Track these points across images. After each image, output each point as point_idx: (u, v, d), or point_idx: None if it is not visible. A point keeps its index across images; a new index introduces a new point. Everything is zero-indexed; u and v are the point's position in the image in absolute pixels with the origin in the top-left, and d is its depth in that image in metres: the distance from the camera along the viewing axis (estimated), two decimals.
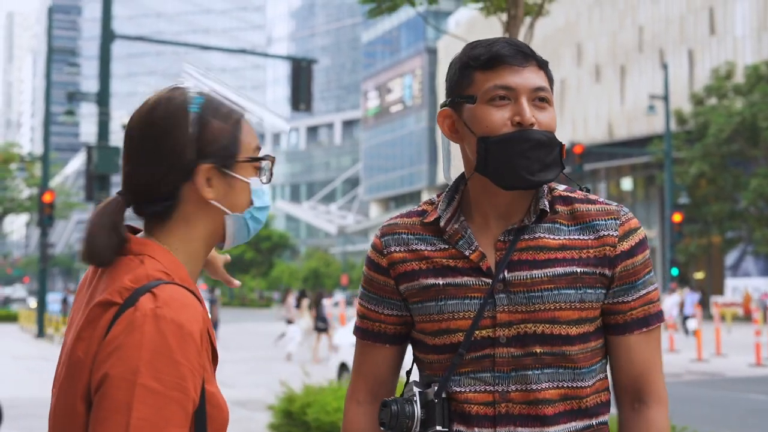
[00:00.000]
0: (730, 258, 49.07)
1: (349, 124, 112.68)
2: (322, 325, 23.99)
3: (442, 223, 2.09)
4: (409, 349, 2.23)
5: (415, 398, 2.05)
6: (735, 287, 45.60)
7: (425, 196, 79.79)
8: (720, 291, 47.30)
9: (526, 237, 2.04)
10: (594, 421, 2.05)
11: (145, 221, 1.82)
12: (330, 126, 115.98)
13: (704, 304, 42.02)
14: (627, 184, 57.55)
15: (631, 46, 54.78)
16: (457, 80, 2.07)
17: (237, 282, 2.22)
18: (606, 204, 2.10)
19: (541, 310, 1.99)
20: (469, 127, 2.04)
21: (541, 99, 2.02)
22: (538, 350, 1.99)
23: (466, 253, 2.06)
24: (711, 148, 41.20)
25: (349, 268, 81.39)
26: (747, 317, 36.81)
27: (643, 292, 2.07)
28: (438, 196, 2.17)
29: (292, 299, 28.23)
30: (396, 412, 2.03)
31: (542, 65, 2.06)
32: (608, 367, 2.14)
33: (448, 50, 72.95)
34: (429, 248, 2.10)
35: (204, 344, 1.66)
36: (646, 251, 2.09)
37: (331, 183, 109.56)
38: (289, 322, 26.15)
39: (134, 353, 1.58)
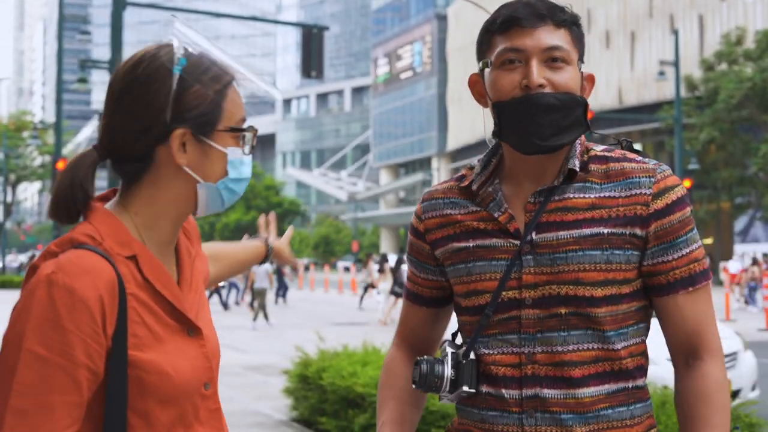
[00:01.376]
0: (739, 224, 49.10)
1: (358, 91, 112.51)
2: (398, 290, 24.14)
3: (474, 187, 2.10)
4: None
5: (447, 358, 2.06)
6: (744, 253, 45.69)
7: (435, 163, 79.86)
8: (729, 256, 47.37)
9: (556, 198, 2.02)
10: (630, 384, 2.02)
11: (120, 180, 1.78)
12: (340, 93, 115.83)
13: (714, 269, 42.18)
14: (637, 149, 57.47)
15: (642, 12, 54.52)
16: (480, 46, 2.08)
17: (296, 261, 2.39)
18: (643, 162, 2.04)
19: (565, 272, 1.97)
20: (487, 92, 2.04)
21: (554, 59, 1.97)
22: (562, 311, 1.97)
23: (495, 215, 2.06)
24: (721, 114, 41.08)
25: (360, 234, 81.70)
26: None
27: (686, 250, 2.01)
28: (478, 161, 2.18)
29: (373, 264, 28.44)
30: (425, 371, 2.05)
31: (562, 23, 2.01)
32: (659, 329, 2.10)
33: (458, 16, 72.69)
34: (460, 212, 2.12)
35: (109, 311, 1.60)
36: (686, 209, 2.03)
37: (341, 150, 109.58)
38: (371, 286, 26.21)
39: (23, 318, 1.57)
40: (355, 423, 7.46)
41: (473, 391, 2.04)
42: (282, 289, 33.44)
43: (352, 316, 26.39)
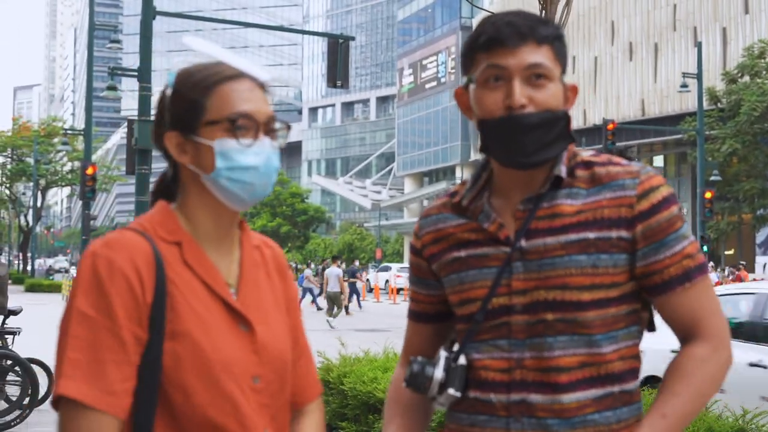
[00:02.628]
0: (761, 235, 48.99)
1: (383, 101, 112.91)
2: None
3: (464, 202, 2.14)
4: None
5: (439, 361, 2.09)
6: (766, 264, 45.66)
7: (458, 172, 79.88)
8: (751, 268, 47.28)
9: (545, 205, 2.04)
10: (617, 388, 2.01)
11: None
12: (365, 102, 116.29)
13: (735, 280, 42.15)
14: (659, 161, 57.47)
15: (665, 24, 54.58)
16: (464, 61, 2.11)
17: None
18: (627, 165, 2.06)
19: (552, 277, 1.99)
20: (473, 107, 2.08)
21: (537, 76, 2.00)
22: (549, 317, 1.99)
23: (485, 225, 2.09)
24: (743, 127, 40.97)
25: (383, 242, 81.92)
26: None
27: (678, 248, 2.01)
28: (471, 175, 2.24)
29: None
30: (416, 371, 2.09)
31: (544, 40, 2.02)
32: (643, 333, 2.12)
33: None
34: (452, 225, 2.16)
35: (147, 281, 1.80)
36: (672, 207, 2.02)
37: (366, 159, 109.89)
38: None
39: (75, 283, 1.80)
40: (375, 428, 7.43)
41: (458, 394, 2.07)
42: (353, 295, 34.29)
43: (374, 322, 26.74)
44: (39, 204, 56.95)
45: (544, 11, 8.58)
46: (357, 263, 38.76)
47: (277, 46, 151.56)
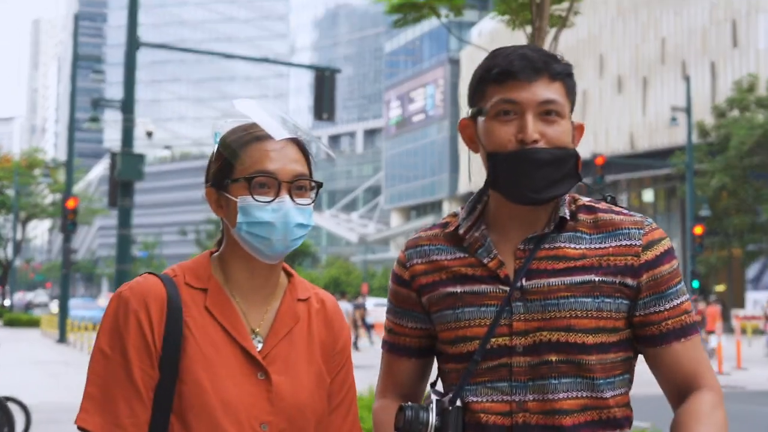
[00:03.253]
0: (752, 271, 48.79)
1: (371, 134, 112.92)
2: None
3: (461, 231, 2.11)
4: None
5: (431, 405, 2.03)
6: (756, 300, 45.34)
7: (446, 206, 79.86)
8: (741, 304, 47.05)
9: (547, 246, 2.04)
10: None
11: None
12: (352, 135, 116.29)
13: (725, 317, 41.82)
14: (648, 195, 57.37)
15: (654, 58, 54.66)
16: (473, 92, 2.10)
17: None
18: (630, 215, 2.08)
19: (556, 318, 1.98)
20: (481, 140, 2.06)
21: (548, 112, 2.00)
22: (553, 358, 1.97)
23: (485, 260, 2.06)
24: (733, 161, 41.00)
25: (370, 276, 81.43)
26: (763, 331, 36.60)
27: (676, 302, 2.04)
28: (463, 208, 2.18)
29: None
30: (410, 417, 2.01)
31: (557, 76, 2.02)
32: (631, 381, 2.12)
33: (471, 61, 72.97)
34: (447, 257, 2.12)
35: (156, 323, 1.97)
36: (674, 261, 2.06)
37: (352, 192, 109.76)
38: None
39: (101, 324, 2.02)
40: None
41: None
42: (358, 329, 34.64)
43: (358, 358, 26.15)
44: (19, 237, 56.25)
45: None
46: (363, 298, 38.78)
47: (263, 78, 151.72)
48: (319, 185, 2.09)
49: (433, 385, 2.17)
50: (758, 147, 40.62)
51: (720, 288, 51.63)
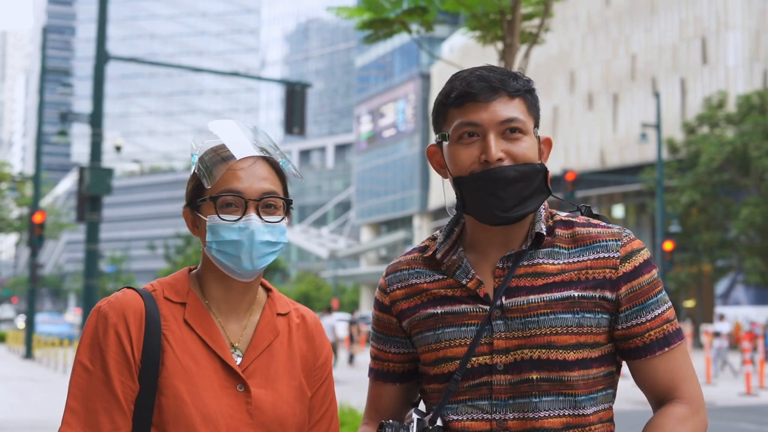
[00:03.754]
0: (721, 286, 49.07)
1: (341, 148, 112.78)
2: None
3: (438, 255, 2.11)
4: None
5: (412, 425, 2.03)
6: (722, 315, 45.56)
7: (416, 221, 79.90)
8: (710, 319, 47.27)
9: (525, 263, 2.03)
10: None
11: None
12: (322, 150, 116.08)
13: (695, 332, 42.01)
14: (619, 211, 57.64)
15: (624, 75, 55.01)
16: (435, 118, 2.10)
17: None
18: (607, 227, 2.07)
19: (537, 335, 1.96)
20: (447, 165, 2.07)
21: (512, 130, 2.00)
22: (534, 376, 1.96)
23: (463, 281, 2.05)
24: (702, 177, 41.30)
25: (340, 292, 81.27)
26: (735, 346, 36.79)
27: (658, 311, 2.03)
28: (440, 231, 2.19)
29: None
30: None
31: (516, 94, 2.02)
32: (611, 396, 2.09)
33: (442, 76, 73.19)
34: (426, 280, 2.12)
35: (135, 337, 2.01)
36: (653, 271, 2.04)
37: (322, 207, 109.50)
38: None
39: (82, 336, 2.04)
40: None
41: None
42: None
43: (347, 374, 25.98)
44: None
45: (503, 61, 8.48)
46: (356, 314, 39.06)
47: (233, 92, 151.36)
48: (289, 202, 2.15)
49: (415, 405, 2.21)
50: (728, 163, 40.96)
51: (690, 303, 51.90)
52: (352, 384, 21.67)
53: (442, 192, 2.11)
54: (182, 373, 2.01)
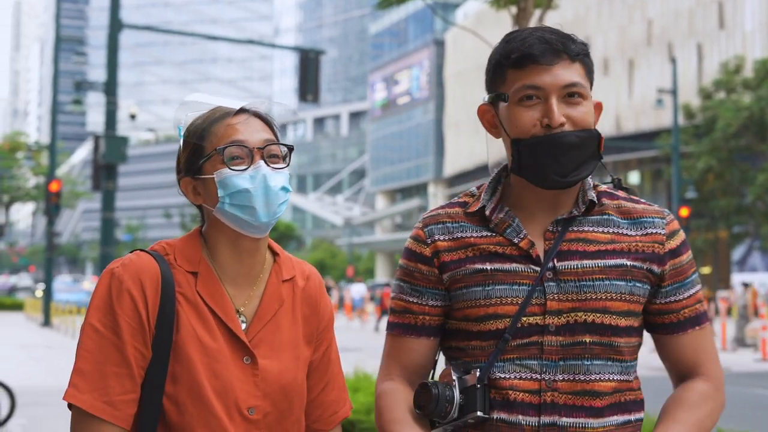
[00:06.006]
0: (737, 253, 48.93)
1: (356, 116, 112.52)
2: None
3: (487, 212, 2.10)
4: None
5: (455, 383, 2.01)
6: (742, 282, 45.47)
7: (431, 189, 79.78)
8: (727, 286, 47.18)
9: (575, 228, 2.05)
10: (632, 417, 2.04)
11: None
12: (337, 117, 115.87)
13: (711, 299, 41.93)
14: (634, 177, 57.42)
15: (640, 40, 54.58)
16: (491, 77, 2.08)
17: None
18: (648, 204, 2.12)
19: (592, 299, 1.99)
20: (504, 126, 2.06)
21: (572, 95, 2.00)
22: (587, 339, 1.99)
23: (515, 240, 2.06)
24: (719, 143, 41.01)
25: (355, 259, 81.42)
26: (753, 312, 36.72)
27: (693, 291, 2.09)
28: (478, 188, 2.18)
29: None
30: (437, 395, 1.99)
31: (576, 57, 2.02)
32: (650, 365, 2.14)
33: (456, 42, 72.80)
34: (474, 235, 2.10)
35: (151, 302, 1.98)
36: (690, 251, 2.10)
37: (337, 174, 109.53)
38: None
39: (92, 298, 2.00)
40: None
41: (486, 416, 2.00)
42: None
43: (344, 341, 26.08)
44: (2, 220, 55.90)
45: (516, 26, 8.44)
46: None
47: (247, 60, 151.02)
48: (290, 149, 2.11)
49: (434, 363, 2.19)
50: (744, 129, 40.64)
51: (706, 270, 51.79)
52: (366, 351, 21.79)
53: (458, 157, 2.11)
54: (196, 343, 2.00)
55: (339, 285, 43.87)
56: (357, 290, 38.44)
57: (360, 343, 25.32)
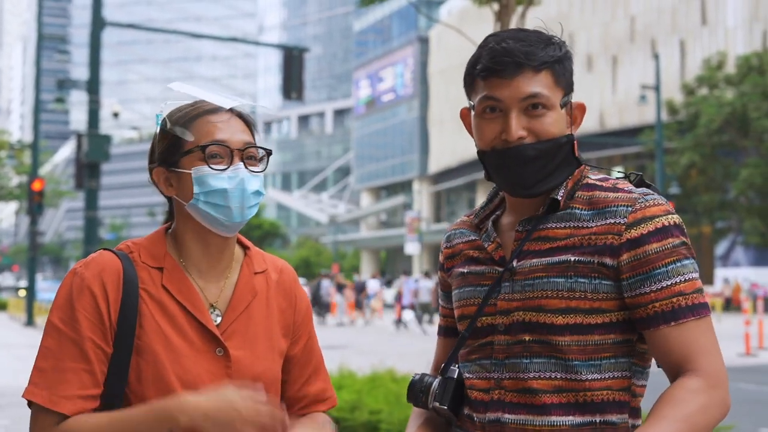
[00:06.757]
0: (720, 248, 49.17)
1: (340, 113, 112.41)
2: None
3: (476, 221, 2.21)
4: None
5: (438, 376, 2.14)
6: (725, 277, 45.70)
7: (416, 186, 79.80)
8: (710, 281, 47.43)
9: (541, 227, 2.05)
10: (598, 419, 1.96)
11: None
12: (321, 115, 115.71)
13: None
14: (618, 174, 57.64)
15: (623, 36, 54.74)
16: (466, 84, 2.10)
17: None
18: (629, 192, 2.01)
19: (530, 298, 2.00)
20: (473, 135, 2.10)
21: (535, 106, 1.98)
22: (527, 338, 1.99)
23: (485, 244, 2.13)
24: (702, 139, 41.23)
25: (340, 257, 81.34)
26: (736, 307, 36.92)
27: (667, 283, 1.93)
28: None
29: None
30: (415, 380, 2.13)
31: (541, 67, 1.98)
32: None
33: (440, 39, 72.81)
34: (463, 241, 2.22)
35: (112, 299, 1.98)
36: (667, 240, 1.94)
37: (322, 172, 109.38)
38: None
39: (54, 299, 2.02)
40: None
41: (444, 408, 2.08)
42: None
43: (330, 339, 26.09)
44: None
45: (499, 22, 8.45)
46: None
47: (231, 57, 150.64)
48: (269, 153, 2.14)
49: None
50: (727, 125, 40.87)
51: None
52: (351, 348, 21.80)
53: (443, 154, 2.16)
54: (161, 337, 2.00)
55: (355, 281, 41.87)
56: (372, 286, 38.32)
57: (342, 341, 25.29)
